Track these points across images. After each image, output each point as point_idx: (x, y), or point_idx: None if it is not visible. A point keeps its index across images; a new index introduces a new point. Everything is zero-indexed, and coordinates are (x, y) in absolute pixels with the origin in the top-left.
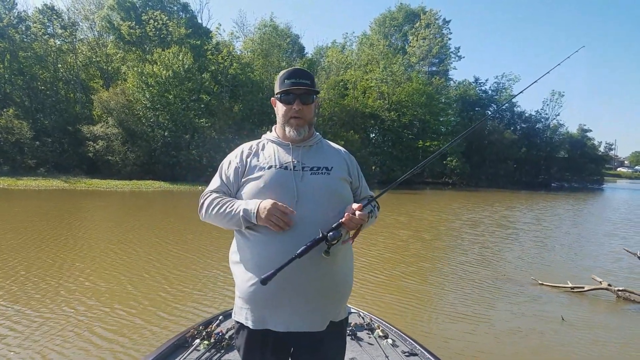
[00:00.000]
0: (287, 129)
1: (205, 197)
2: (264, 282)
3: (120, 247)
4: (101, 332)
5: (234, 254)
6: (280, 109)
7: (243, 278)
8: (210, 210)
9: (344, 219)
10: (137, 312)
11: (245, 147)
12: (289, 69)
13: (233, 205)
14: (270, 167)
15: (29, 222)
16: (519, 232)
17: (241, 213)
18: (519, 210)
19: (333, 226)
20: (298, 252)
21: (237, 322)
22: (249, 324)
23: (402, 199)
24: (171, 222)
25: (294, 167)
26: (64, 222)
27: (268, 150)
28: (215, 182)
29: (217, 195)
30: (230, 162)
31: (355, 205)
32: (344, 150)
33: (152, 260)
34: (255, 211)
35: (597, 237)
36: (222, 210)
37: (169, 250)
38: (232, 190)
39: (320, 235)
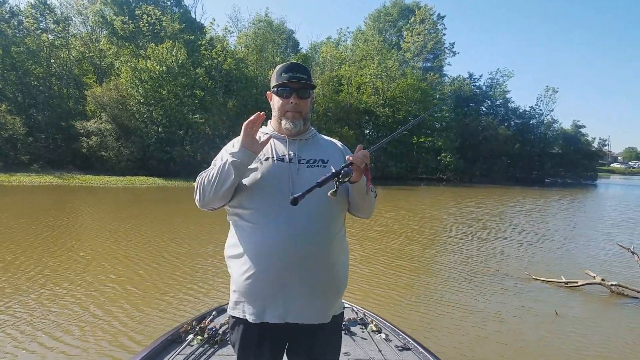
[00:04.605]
0: (283, 121)
1: (198, 179)
2: (294, 201)
3: (114, 243)
4: (93, 327)
5: (229, 248)
6: (276, 102)
7: (240, 271)
8: (202, 184)
9: (349, 157)
10: (130, 307)
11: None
12: (286, 63)
13: (219, 163)
14: (267, 159)
15: (23, 217)
16: (512, 227)
17: (229, 158)
18: (513, 205)
19: (342, 165)
20: (319, 180)
21: (233, 317)
22: (246, 317)
23: (393, 195)
24: (164, 218)
25: (290, 159)
26: (57, 217)
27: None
28: (209, 168)
29: (206, 172)
30: (227, 152)
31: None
32: (340, 143)
33: (145, 256)
34: (238, 145)
35: (590, 232)
36: (213, 172)
37: (162, 246)
38: None
39: (333, 171)
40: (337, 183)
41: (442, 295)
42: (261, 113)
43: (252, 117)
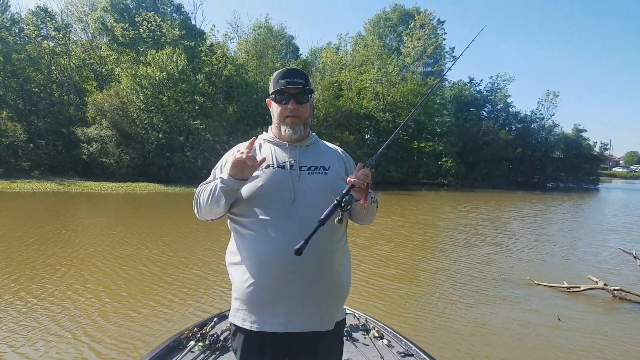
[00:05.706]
0: (282, 128)
1: (196, 192)
2: (298, 252)
3: (114, 250)
4: (94, 334)
5: (231, 255)
6: (275, 108)
7: (241, 279)
8: (199, 200)
9: (350, 179)
10: (131, 313)
11: (242, 146)
12: (284, 68)
13: (211, 183)
14: (267, 167)
15: (23, 224)
16: (514, 233)
17: (218, 183)
18: (515, 210)
19: (344, 192)
20: (321, 218)
21: (234, 325)
22: (247, 326)
23: (396, 199)
24: (165, 224)
25: (291, 166)
26: (57, 224)
27: (265, 150)
28: (208, 180)
29: (204, 186)
30: (227, 161)
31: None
32: (341, 149)
33: (146, 262)
34: (227, 172)
35: (592, 237)
36: (206, 191)
37: (163, 252)
38: None
39: (335, 202)
40: (342, 212)
41: (444, 300)
42: (252, 140)
43: (242, 157)
